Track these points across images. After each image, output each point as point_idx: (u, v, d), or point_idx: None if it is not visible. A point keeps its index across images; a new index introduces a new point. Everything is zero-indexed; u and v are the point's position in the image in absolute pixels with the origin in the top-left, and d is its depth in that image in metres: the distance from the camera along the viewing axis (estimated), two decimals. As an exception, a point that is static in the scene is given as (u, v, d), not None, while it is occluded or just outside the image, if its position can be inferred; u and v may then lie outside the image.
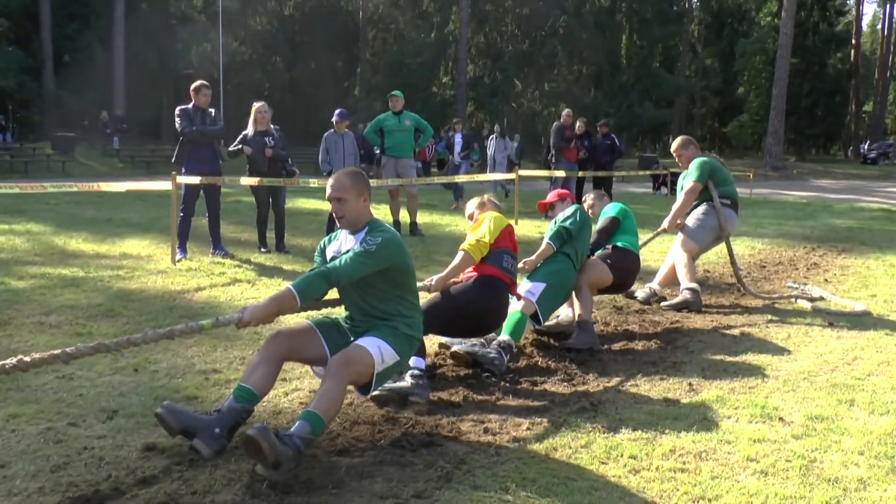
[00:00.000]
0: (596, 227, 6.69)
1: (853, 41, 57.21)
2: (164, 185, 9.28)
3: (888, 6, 63.14)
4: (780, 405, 4.58)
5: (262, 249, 10.19)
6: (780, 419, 4.35)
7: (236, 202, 15.69)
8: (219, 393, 4.63)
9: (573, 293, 6.10)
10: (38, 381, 4.72)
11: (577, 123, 16.06)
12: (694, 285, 7.40)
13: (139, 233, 11.63)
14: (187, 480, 3.42)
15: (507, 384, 4.88)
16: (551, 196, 6.65)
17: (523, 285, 5.84)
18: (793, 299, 7.70)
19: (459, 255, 5.16)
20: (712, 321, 6.87)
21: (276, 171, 10.05)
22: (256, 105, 10.19)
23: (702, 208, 7.74)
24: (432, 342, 5.51)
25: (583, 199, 6.67)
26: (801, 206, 19.83)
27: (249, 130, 10.11)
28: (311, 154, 21.96)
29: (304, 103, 47.87)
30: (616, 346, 5.93)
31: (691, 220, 7.74)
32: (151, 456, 3.69)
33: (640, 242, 7.10)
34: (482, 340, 5.41)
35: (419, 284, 5.10)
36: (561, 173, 15.18)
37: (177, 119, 9.53)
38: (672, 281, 7.83)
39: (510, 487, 3.41)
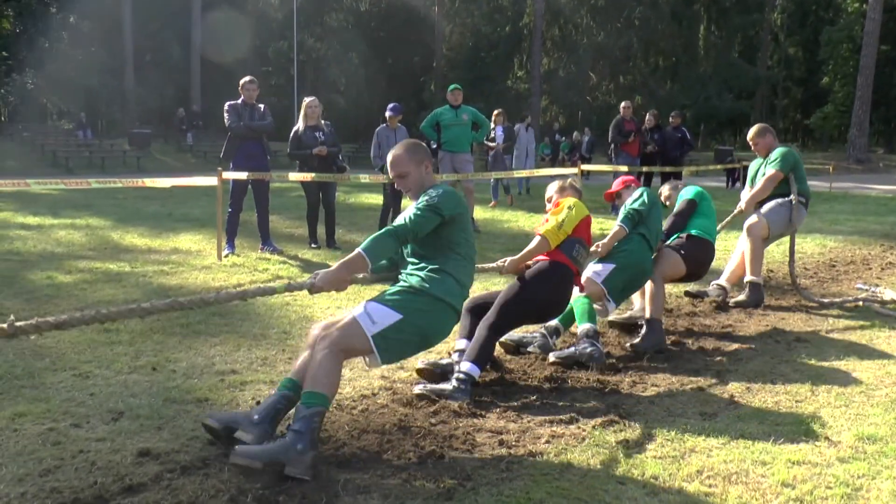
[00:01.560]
0: (673, 211, 6.51)
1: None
2: (210, 180, 9.26)
3: None
4: (828, 422, 4.20)
5: (313, 245, 10.11)
6: (827, 438, 3.96)
7: (299, 197, 15.70)
8: (231, 395, 4.48)
9: (646, 286, 5.91)
10: (53, 379, 4.65)
11: (647, 116, 15.61)
12: (758, 279, 7.14)
13: (195, 228, 11.70)
14: (174, 490, 3.26)
15: (533, 393, 4.60)
16: (616, 184, 6.50)
17: (590, 267, 5.69)
18: (859, 302, 7.20)
19: (536, 239, 5.05)
20: (767, 325, 6.46)
21: (327, 167, 9.94)
22: (307, 100, 10.10)
23: (777, 200, 7.41)
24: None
25: (658, 192, 6.54)
26: (884, 202, 18.91)
27: (300, 125, 10.02)
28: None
29: (380, 99, 48.06)
30: (659, 353, 5.58)
31: (765, 209, 7.43)
32: (145, 462, 3.54)
33: (719, 226, 6.86)
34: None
35: (490, 265, 5.13)
36: (623, 168, 14.73)
37: (225, 114, 9.52)
38: (741, 277, 7.48)
39: (513, 509, 3.16)
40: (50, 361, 5.00)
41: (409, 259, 4.10)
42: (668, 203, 6.95)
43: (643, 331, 5.73)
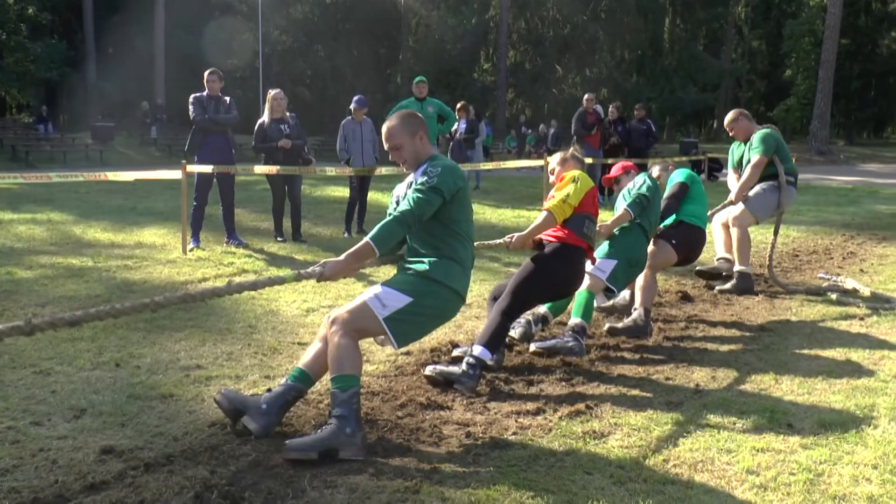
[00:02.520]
0: (665, 194, 6.49)
1: (907, 20, 55.41)
2: (174, 174, 9.15)
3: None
4: (791, 410, 4.24)
5: (279, 239, 10.04)
6: (790, 426, 4.01)
7: (265, 190, 15.57)
8: (196, 391, 4.43)
9: (638, 279, 5.99)
10: (12, 377, 4.57)
11: (610, 108, 15.64)
12: (746, 268, 7.35)
13: (160, 222, 11.57)
14: (137, 487, 3.21)
15: (502, 384, 4.60)
16: (616, 169, 6.44)
17: (589, 266, 5.61)
18: (823, 291, 7.29)
19: (543, 214, 5.01)
20: (732, 315, 6.52)
21: (293, 160, 9.86)
22: (272, 92, 10.02)
23: (764, 184, 7.56)
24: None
25: (649, 171, 6.54)
26: (844, 192, 19.19)
27: (266, 118, 9.93)
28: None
29: (346, 91, 47.77)
30: (625, 343, 5.61)
31: (752, 194, 7.57)
32: (108, 459, 3.48)
33: (709, 213, 6.95)
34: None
35: (497, 241, 5.09)
36: (587, 160, 14.77)
37: (190, 107, 9.42)
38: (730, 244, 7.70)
39: (480, 500, 3.15)
40: (9, 359, 4.90)
41: (413, 245, 4.03)
42: (658, 182, 6.92)
43: (633, 314, 5.81)
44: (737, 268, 7.38)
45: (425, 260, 3.94)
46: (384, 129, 4.06)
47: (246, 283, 3.77)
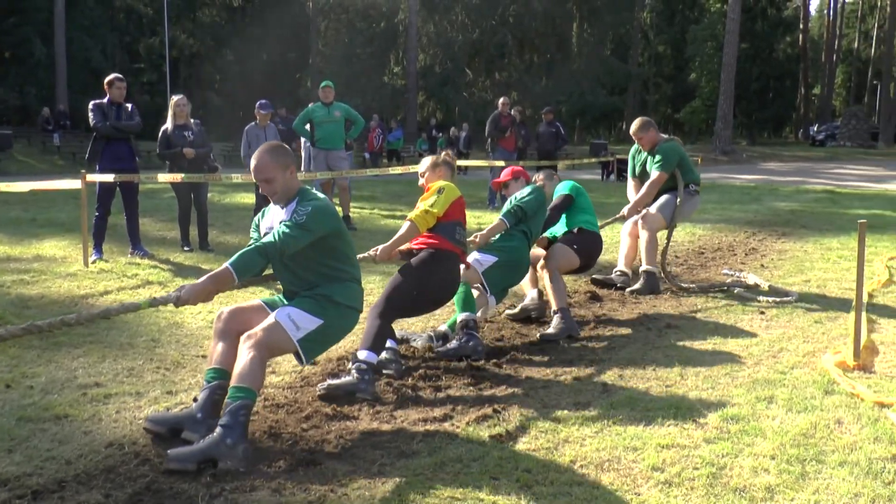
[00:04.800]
0: (550, 205, 6.49)
1: (801, 25, 57.79)
2: (73, 183, 8.83)
3: (834, -10, 63.94)
4: (695, 405, 4.32)
5: (185, 248, 9.78)
6: (694, 421, 4.08)
7: (170, 198, 15.17)
8: (94, 410, 4.25)
9: (545, 281, 6.02)
10: None
11: (511, 111, 15.73)
12: (653, 268, 7.46)
13: (61, 233, 11.13)
14: (25, 516, 3.06)
15: (409, 391, 4.56)
16: (505, 174, 6.42)
17: (472, 255, 5.68)
18: (725, 287, 7.49)
19: (406, 224, 5.00)
20: (639, 313, 6.63)
21: (198, 167, 9.63)
22: (175, 98, 9.76)
23: (667, 196, 7.69)
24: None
25: (533, 178, 6.54)
26: (747, 190, 19.82)
27: (169, 125, 9.67)
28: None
29: (256, 96, 46.86)
30: (533, 345, 5.63)
31: (658, 203, 7.68)
32: (-6, 488, 3.30)
33: (599, 223, 6.95)
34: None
35: (363, 255, 4.94)
36: (500, 163, 14.87)
37: (90, 114, 9.08)
38: (633, 259, 7.87)
39: (386, 511, 3.10)
40: None
41: (307, 277, 4.10)
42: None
43: (554, 321, 5.80)
44: (643, 268, 7.49)
45: (328, 286, 4.07)
46: (254, 162, 4.07)
47: (97, 312, 3.79)
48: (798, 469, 3.50)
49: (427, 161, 5.47)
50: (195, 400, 3.91)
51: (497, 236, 5.83)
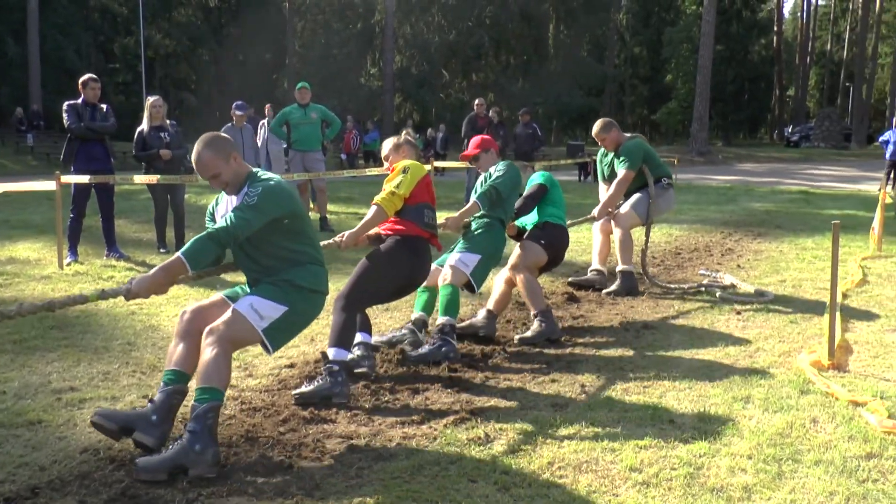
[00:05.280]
0: (524, 193, 6.36)
1: (775, 28, 58.31)
2: (48, 185, 8.73)
3: (807, -8, 64.62)
4: (673, 405, 4.34)
5: (162, 250, 9.71)
6: (672, 421, 4.10)
7: (147, 200, 15.05)
8: (68, 415, 4.20)
9: (520, 286, 5.90)
10: None
11: (490, 112, 15.72)
12: (629, 268, 7.46)
13: (35, 235, 11.01)
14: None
15: (387, 393, 4.55)
16: (474, 144, 6.16)
17: (453, 256, 5.57)
18: (702, 288, 7.53)
19: (372, 209, 4.84)
20: (616, 314, 6.65)
21: (174, 168, 9.56)
22: (150, 99, 9.70)
23: (638, 195, 7.68)
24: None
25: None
26: (723, 191, 19.97)
27: (144, 126, 9.60)
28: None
29: (232, 97, 46.64)
30: (511, 346, 5.64)
31: (631, 201, 7.68)
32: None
33: (567, 223, 6.85)
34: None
35: (327, 242, 4.82)
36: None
37: (64, 115, 9.00)
38: (607, 256, 7.93)
39: (365, 515, 3.09)
40: None
41: (269, 263, 3.95)
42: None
43: (534, 324, 5.75)
44: (619, 268, 7.49)
45: (290, 270, 3.93)
46: (194, 160, 3.87)
47: (40, 304, 3.57)
48: (775, 468, 3.53)
49: (389, 143, 5.35)
50: (150, 400, 3.75)
51: (472, 221, 5.75)
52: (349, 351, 4.58)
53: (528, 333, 5.72)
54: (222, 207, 4.09)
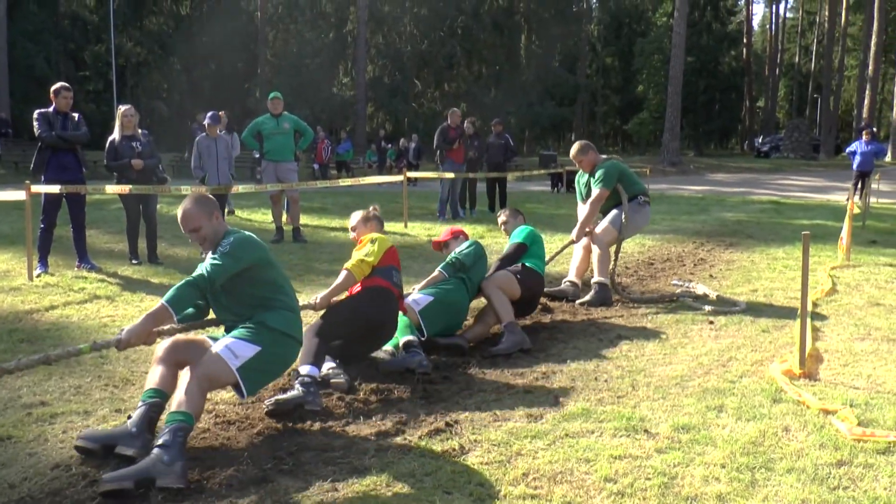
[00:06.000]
0: (503, 254, 6.69)
1: (745, 40, 59.06)
2: (17, 194, 8.63)
3: (774, 6, 65.56)
4: (647, 415, 4.37)
5: (134, 261, 9.61)
6: (646, 431, 4.13)
7: (119, 210, 14.92)
8: (39, 430, 4.14)
9: (490, 301, 6.06)
10: None
11: (465, 123, 15.76)
12: (605, 280, 7.53)
13: (3, 246, 10.86)
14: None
15: (361, 405, 4.54)
16: (445, 234, 6.66)
17: (412, 295, 5.81)
18: (675, 298, 7.59)
19: (343, 273, 5.14)
20: (591, 325, 6.68)
21: (146, 178, 9.48)
22: (122, 108, 9.60)
23: (614, 212, 7.81)
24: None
25: (497, 213, 6.68)
26: (695, 201, 20.15)
27: (116, 135, 9.51)
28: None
29: (204, 106, 46.34)
30: (484, 358, 5.63)
31: (609, 218, 7.81)
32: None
33: (549, 256, 7.19)
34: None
35: (304, 303, 4.96)
36: (449, 175, 14.89)
37: (35, 123, 8.89)
38: (584, 271, 7.99)
39: (340, 528, 3.08)
40: None
41: (243, 311, 4.14)
42: (503, 228, 7.17)
43: (504, 336, 5.81)
44: (595, 279, 7.55)
45: (262, 313, 4.11)
46: (180, 214, 4.18)
47: (37, 358, 3.76)
48: (748, 477, 3.56)
49: (357, 216, 5.72)
50: (129, 418, 3.86)
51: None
52: (319, 369, 4.64)
53: (501, 346, 5.75)
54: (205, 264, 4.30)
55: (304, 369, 4.51)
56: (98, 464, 3.67)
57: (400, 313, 5.44)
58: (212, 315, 4.39)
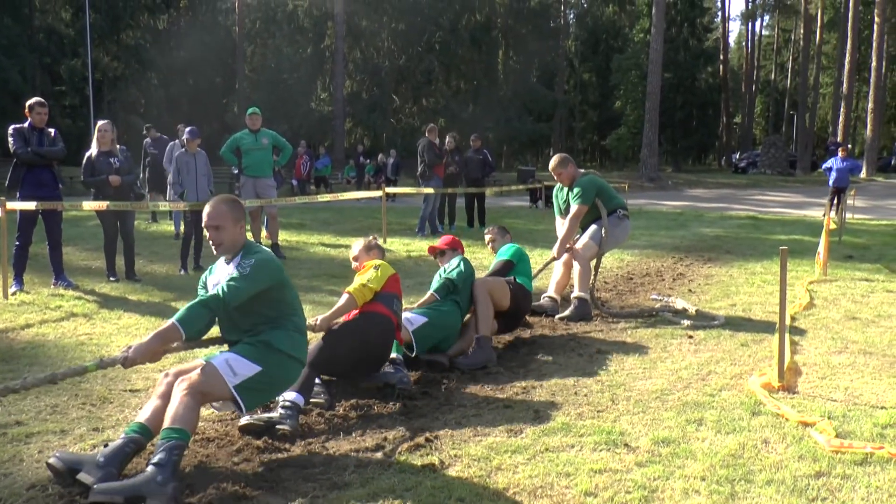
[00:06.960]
0: (489, 270, 6.80)
1: (721, 57, 59.63)
2: (-8, 211, 8.53)
3: (750, 23, 66.33)
4: (627, 429, 4.38)
5: (111, 278, 9.52)
6: (626, 445, 4.14)
7: (96, 226, 14.79)
8: (14, 450, 4.08)
9: (475, 305, 6.12)
10: None
11: (447, 139, 15.79)
12: (585, 294, 7.55)
13: (-23, 263, 10.72)
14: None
15: (340, 421, 4.52)
16: (443, 241, 6.68)
17: (404, 315, 5.78)
18: (654, 313, 7.62)
19: (344, 297, 5.14)
20: (571, 339, 6.69)
21: (124, 195, 9.42)
22: (99, 124, 9.54)
23: (594, 227, 7.86)
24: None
25: (485, 231, 6.73)
26: (673, 216, 20.27)
27: (93, 151, 9.45)
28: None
29: (182, 121, 46.04)
30: (464, 373, 5.62)
31: (589, 232, 7.84)
32: None
33: (533, 273, 7.23)
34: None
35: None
36: (429, 190, 14.88)
37: (10, 139, 8.79)
38: (565, 286, 8.02)
39: (321, 545, 3.05)
40: None
41: (253, 324, 4.10)
42: (490, 246, 7.28)
43: (472, 350, 5.85)
44: (575, 294, 7.57)
45: (270, 332, 4.06)
46: (209, 208, 4.12)
47: (44, 377, 3.72)
48: (728, 489, 3.58)
49: (359, 245, 5.72)
50: (105, 446, 3.76)
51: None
52: (306, 400, 4.60)
53: (465, 359, 5.79)
54: (215, 278, 4.25)
55: (290, 396, 4.47)
56: (72, 484, 3.62)
57: None
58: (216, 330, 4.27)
